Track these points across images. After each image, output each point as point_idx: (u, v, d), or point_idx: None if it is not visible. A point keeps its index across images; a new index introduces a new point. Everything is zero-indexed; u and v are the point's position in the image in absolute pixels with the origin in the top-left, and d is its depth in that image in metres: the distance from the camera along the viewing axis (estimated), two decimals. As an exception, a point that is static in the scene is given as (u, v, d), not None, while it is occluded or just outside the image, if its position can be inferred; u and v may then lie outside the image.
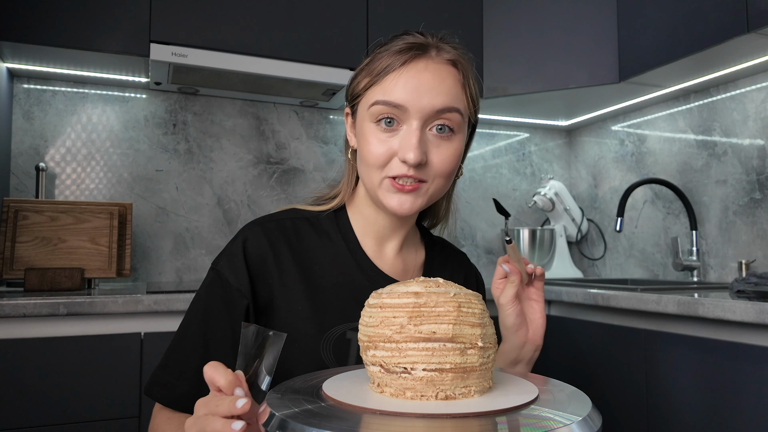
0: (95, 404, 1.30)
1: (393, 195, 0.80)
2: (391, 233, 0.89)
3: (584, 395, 0.60)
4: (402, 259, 0.91)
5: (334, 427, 0.48)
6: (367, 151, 0.80)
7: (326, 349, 0.79)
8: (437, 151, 0.80)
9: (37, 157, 1.86)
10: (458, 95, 0.81)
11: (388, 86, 0.79)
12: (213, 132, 2.09)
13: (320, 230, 0.87)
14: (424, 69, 0.79)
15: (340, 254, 0.86)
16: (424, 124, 0.79)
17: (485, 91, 2.13)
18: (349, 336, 0.80)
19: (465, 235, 2.46)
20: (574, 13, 2.04)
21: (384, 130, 0.79)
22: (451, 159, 0.81)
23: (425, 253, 0.95)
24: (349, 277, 0.85)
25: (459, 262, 1.01)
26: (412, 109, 0.78)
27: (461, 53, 0.84)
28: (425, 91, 0.78)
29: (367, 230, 0.89)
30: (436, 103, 0.78)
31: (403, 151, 0.78)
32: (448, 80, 0.80)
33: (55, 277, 1.52)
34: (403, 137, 0.79)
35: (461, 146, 0.83)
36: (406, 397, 0.56)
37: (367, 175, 0.82)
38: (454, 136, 0.81)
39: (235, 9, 1.80)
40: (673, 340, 1.34)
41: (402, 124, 0.79)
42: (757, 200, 1.84)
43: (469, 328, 0.57)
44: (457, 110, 0.80)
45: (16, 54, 1.69)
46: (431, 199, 0.83)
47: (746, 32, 1.52)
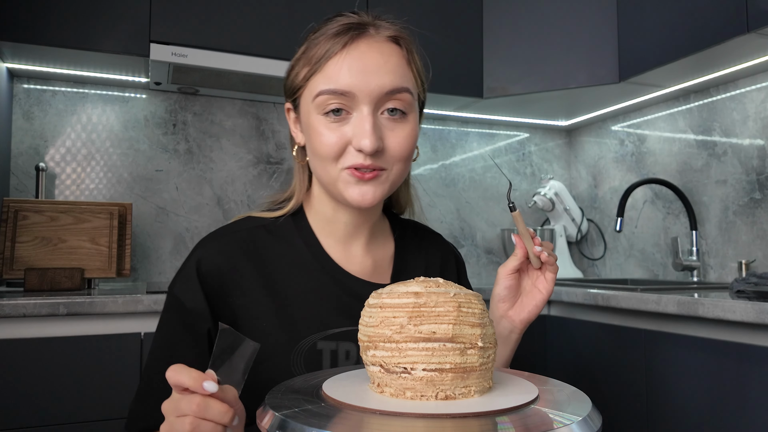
0: (95, 404, 1.30)
1: (353, 187, 0.75)
2: (355, 230, 0.83)
3: (584, 395, 0.60)
4: (371, 256, 0.85)
5: (334, 427, 0.48)
6: (319, 144, 0.75)
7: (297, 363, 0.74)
8: (392, 135, 0.75)
9: (37, 157, 1.86)
10: (405, 73, 0.77)
11: (331, 73, 0.74)
12: (213, 132, 2.09)
13: (279, 237, 0.82)
14: (367, 49, 0.74)
15: (303, 260, 0.80)
16: (375, 108, 0.74)
17: (485, 91, 2.13)
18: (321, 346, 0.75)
19: (465, 235, 2.46)
20: (574, 13, 2.04)
21: (333, 120, 0.74)
22: (408, 141, 0.77)
23: (395, 243, 0.90)
24: (316, 284, 0.79)
25: (434, 244, 0.95)
26: (360, 94, 0.73)
27: (401, 28, 0.79)
28: (371, 73, 0.73)
29: (329, 230, 0.83)
30: (384, 84, 0.74)
31: (358, 139, 0.73)
32: (392, 58, 0.76)
33: (55, 277, 1.52)
34: (355, 124, 0.74)
35: (416, 126, 0.79)
36: (406, 397, 0.56)
37: (322, 169, 0.77)
38: (407, 117, 0.77)
39: (235, 9, 1.80)
40: (673, 340, 1.34)
41: (352, 112, 0.74)
42: (757, 200, 1.84)
43: (469, 328, 0.57)
44: (407, 89, 0.76)
45: (16, 54, 1.69)
46: (392, 187, 0.78)
47: (746, 32, 1.52)
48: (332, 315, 0.78)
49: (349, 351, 0.76)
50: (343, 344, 0.76)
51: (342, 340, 0.76)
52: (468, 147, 2.50)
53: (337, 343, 0.76)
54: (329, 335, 0.76)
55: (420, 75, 0.81)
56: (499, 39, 2.14)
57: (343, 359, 0.76)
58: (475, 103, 2.24)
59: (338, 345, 0.76)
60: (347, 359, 0.76)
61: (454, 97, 2.15)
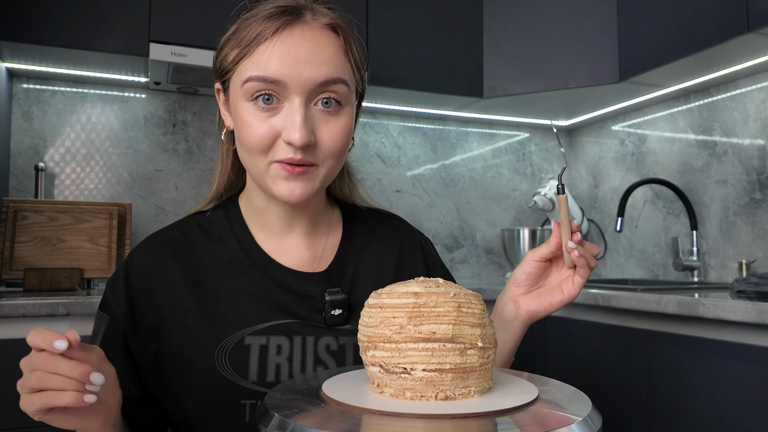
0: (94, 404, 1.30)
1: (282, 182, 0.71)
2: (290, 222, 0.79)
3: (584, 395, 0.60)
4: (309, 247, 0.80)
5: (334, 427, 0.48)
6: (247, 135, 0.70)
7: (222, 360, 0.71)
8: (325, 129, 0.71)
9: (36, 157, 1.86)
10: (341, 64, 0.72)
11: (261, 59, 0.69)
12: (212, 132, 2.08)
13: (212, 234, 0.79)
14: (301, 37, 0.70)
15: (234, 256, 0.78)
16: (307, 99, 0.70)
17: (485, 91, 2.13)
18: (248, 341, 0.72)
19: (465, 235, 2.46)
20: (574, 13, 2.04)
21: (263, 109, 0.70)
22: (342, 136, 0.72)
23: (342, 232, 0.84)
24: (245, 279, 0.76)
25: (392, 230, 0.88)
26: (291, 84, 0.68)
27: (340, 15, 0.75)
28: (304, 63, 0.69)
29: (262, 222, 0.79)
30: (318, 75, 0.69)
31: (287, 132, 0.68)
32: (328, 48, 0.71)
33: (55, 277, 1.52)
34: (285, 116, 0.69)
35: (351, 119, 0.74)
36: (406, 397, 0.56)
37: (250, 161, 0.72)
38: (341, 109, 0.72)
39: (234, 9, 1.79)
40: (674, 340, 1.34)
41: (282, 101, 0.70)
42: (757, 200, 1.84)
43: (469, 328, 0.57)
44: (343, 81, 0.71)
45: (15, 54, 1.69)
46: (325, 182, 0.74)
47: (746, 32, 1.52)
48: (263, 309, 0.75)
49: (281, 345, 0.73)
50: (274, 338, 0.73)
51: (273, 334, 0.73)
52: (468, 147, 2.50)
53: (268, 338, 0.73)
54: (258, 330, 0.73)
55: (358, 66, 0.76)
56: (499, 39, 2.14)
57: (273, 354, 0.72)
58: (475, 103, 2.24)
59: (269, 339, 0.73)
60: (279, 354, 0.72)
61: (454, 97, 2.15)
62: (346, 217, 0.87)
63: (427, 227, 2.39)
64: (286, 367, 0.72)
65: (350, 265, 0.82)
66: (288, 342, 0.73)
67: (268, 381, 0.71)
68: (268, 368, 0.71)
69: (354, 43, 0.75)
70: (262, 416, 0.54)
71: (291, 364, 0.72)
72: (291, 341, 0.73)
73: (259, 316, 0.74)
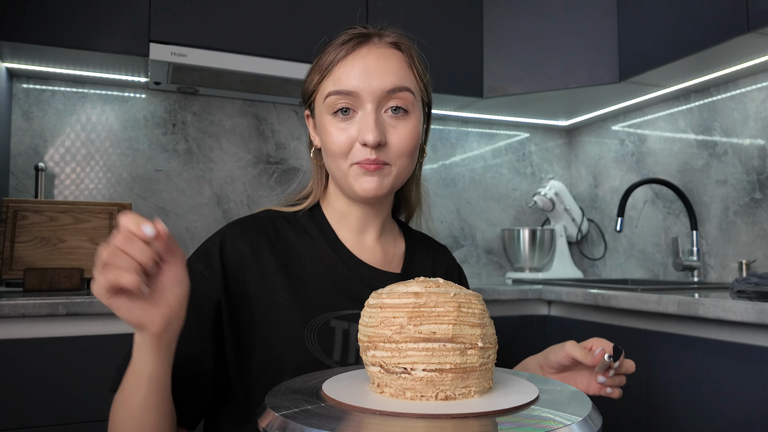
0: (95, 404, 1.30)
1: (361, 178, 0.82)
2: (366, 223, 0.90)
3: (584, 395, 0.60)
4: (381, 248, 0.92)
5: (334, 427, 0.48)
6: (330, 142, 0.82)
7: (311, 337, 0.79)
8: (395, 131, 0.82)
9: (36, 157, 1.86)
10: (406, 74, 0.83)
11: (338, 76, 0.81)
12: (212, 132, 2.09)
13: (298, 227, 0.89)
14: (369, 54, 0.82)
15: (319, 247, 0.87)
16: (378, 106, 0.81)
17: (485, 91, 2.13)
18: (333, 324, 0.81)
19: (465, 235, 2.46)
20: (574, 13, 2.04)
21: (342, 119, 0.82)
22: (410, 137, 0.83)
23: (405, 243, 0.96)
24: (330, 268, 0.85)
25: (441, 254, 1.02)
26: (363, 93, 0.80)
27: (403, 36, 0.87)
28: (373, 74, 0.81)
29: (343, 223, 0.90)
30: (385, 84, 0.81)
31: (362, 134, 0.80)
32: (393, 61, 0.83)
33: (55, 277, 1.52)
34: (360, 122, 0.81)
35: (418, 124, 0.85)
36: (406, 397, 0.56)
37: (334, 165, 0.84)
38: (409, 115, 0.83)
39: (234, 9, 1.80)
40: (674, 340, 1.34)
41: (357, 111, 0.81)
42: (757, 200, 1.84)
43: (469, 328, 0.57)
44: (407, 89, 0.82)
45: (15, 54, 1.68)
46: (398, 180, 0.84)
47: (746, 32, 1.52)
48: (344, 297, 0.83)
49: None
50: (355, 325, 0.81)
51: (354, 321, 0.81)
52: (468, 147, 2.50)
53: (350, 324, 0.81)
54: (341, 315, 0.82)
55: (422, 78, 0.86)
56: (499, 39, 2.14)
57: (354, 339, 0.80)
58: (475, 103, 2.24)
59: (350, 325, 0.81)
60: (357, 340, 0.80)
61: (454, 97, 2.15)
62: (405, 233, 0.99)
63: (426, 227, 2.39)
64: None
65: (416, 272, 0.94)
66: None
67: (349, 362, 0.79)
68: (349, 351, 0.80)
69: (416, 58, 0.87)
70: (262, 416, 0.54)
71: None
72: None
73: (342, 303, 0.83)
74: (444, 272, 1.00)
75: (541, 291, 1.77)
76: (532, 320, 1.78)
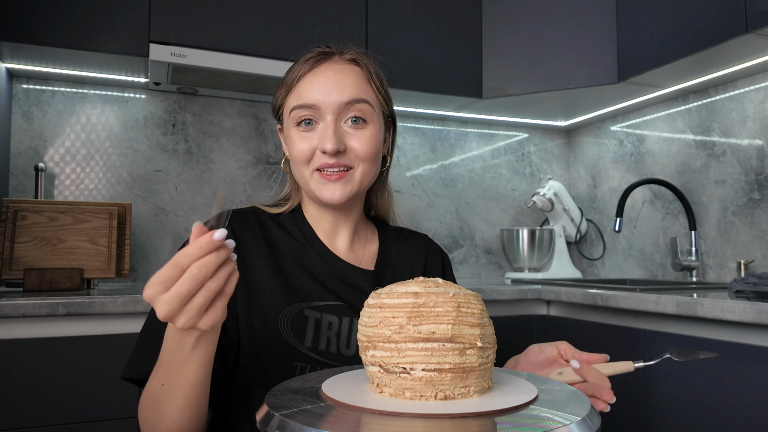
0: (95, 404, 1.30)
1: (323, 186, 0.88)
2: (337, 227, 0.96)
3: (583, 395, 0.61)
4: (353, 249, 0.97)
5: (333, 427, 0.49)
6: (293, 150, 0.89)
7: (284, 324, 0.85)
8: (354, 138, 0.88)
9: (36, 158, 1.86)
10: (363, 87, 0.90)
11: (301, 91, 0.89)
12: (212, 132, 2.09)
13: (280, 224, 0.95)
14: (328, 69, 0.89)
15: (298, 243, 0.93)
16: (337, 117, 0.87)
17: (484, 92, 2.14)
18: (307, 313, 0.86)
19: (464, 235, 2.46)
20: (574, 13, 2.04)
21: (305, 129, 0.88)
22: (370, 142, 0.88)
23: (379, 243, 1.01)
24: (307, 262, 0.92)
25: (420, 241, 1.06)
26: (323, 106, 0.87)
27: (362, 53, 0.94)
28: (332, 88, 0.87)
29: (317, 226, 0.96)
30: (343, 96, 0.87)
31: (322, 143, 0.86)
32: (350, 75, 0.89)
33: (54, 277, 1.52)
34: (320, 132, 0.87)
35: (377, 132, 0.90)
36: (406, 397, 0.56)
37: (298, 173, 0.91)
38: (367, 124, 0.89)
39: (234, 9, 1.80)
40: (672, 340, 1.34)
41: (319, 122, 0.88)
42: (755, 200, 1.85)
43: (469, 328, 0.57)
44: (365, 100, 0.88)
45: (15, 54, 1.69)
46: (362, 184, 0.90)
47: (745, 32, 1.53)
48: (320, 289, 0.89)
49: (332, 322, 0.87)
50: (327, 315, 0.87)
51: (326, 312, 0.87)
52: (467, 147, 2.50)
53: (321, 314, 0.87)
54: (315, 306, 0.87)
55: (380, 90, 0.92)
56: (498, 39, 2.14)
57: (326, 328, 0.86)
58: (475, 104, 2.24)
59: (322, 315, 0.87)
60: (329, 329, 0.86)
61: (453, 98, 2.15)
62: (380, 231, 1.04)
63: (426, 227, 2.39)
64: (335, 341, 0.86)
65: (389, 267, 0.98)
66: (337, 320, 0.87)
67: (320, 348, 0.85)
68: (320, 338, 0.85)
69: (375, 75, 0.92)
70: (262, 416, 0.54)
71: (339, 339, 0.86)
72: (340, 321, 0.87)
73: (316, 294, 0.88)
74: (423, 257, 1.03)
75: (540, 291, 1.77)
76: (531, 320, 1.78)
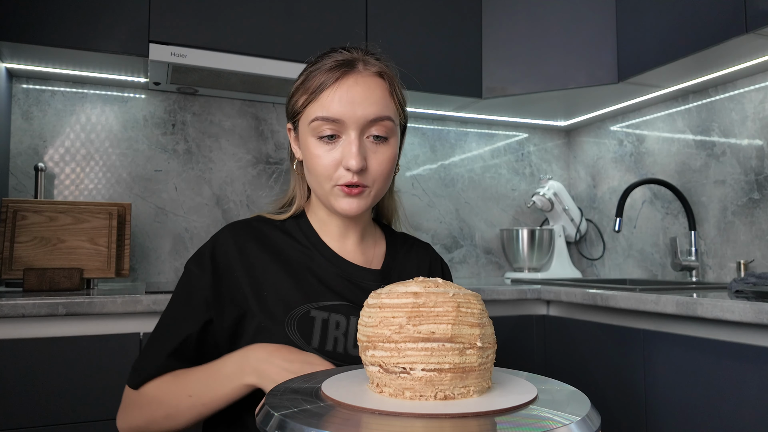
0: (94, 404, 1.30)
1: (343, 199, 0.89)
2: (346, 231, 0.97)
3: (583, 395, 0.61)
4: (362, 251, 0.99)
5: (333, 427, 0.49)
6: (315, 164, 0.89)
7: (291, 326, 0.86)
8: (375, 157, 0.89)
9: (36, 157, 1.86)
10: (387, 104, 0.90)
11: (325, 102, 0.88)
12: (212, 132, 2.09)
13: (285, 231, 0.97)
14: (355, 83, 0.88)
15: (304, 247, 0.95)
16: (361, 132, 0.88)
17: (484, 92, 2.14)
18: (313, 314, 0.87)
19: (464, 235, 2.46)
20: (573, 13, 2.04)
21: (327, 143, 0.88)
22: (388, 161, 0.90)
23: (386, 245, 1.03)
24: (313, 264, 0.93)
25: (424, 251, 1.09)
26: (348, 121, 0.87)
27: (386, 64, 0.94)
28: (358, 104, 0.87)
29: (325, 231, 0.98)
30: (369, 113, 0.87)
31: (346, 160, 0.87)
32: (377, 91, 0.89)
33: (54, 277, 1.52)
34: (344, 147, 0.88)
35: (395, 149, 0.92)
36: (405, 397, 0.56)
37: (317, 185, 0.91)
38: (388, 141, 0.90)
39: (234, 9, 1.80)
40: (672, 340, 1.34)
41: (341, 135, 0.88)
42: (755, 200, 1.85)
43: (468, 328, 0.57)
44: (389, 118, 0.89)
45: (15, 54, 1.69)
46: (375, 199, 0.93)
47: (745, 32, 1.53)
48: (326, 290, 0.91)
49: (339, 322, 0.88)
50: (334, 315, 0.88)
51: (333, 312, 0.88)
52: (467, 147, 2.50)
53: (329, 314, 0.88)
54: (322, 306, 0.89)
55: (401, 104, 0.94)
56: (498, 39, 2.14)
57: (333, 328, 0.87)
58: (474, 104, 2.24)
59: (330, 315, 0.88)
60: (337, 329, 0.88)
61: (453, 98, 2.15)
62: (387, 234, 1.06)
63: (426, 227, 2.39)
64: (342, 341, 0.87)
65: (396, 269, 1.00)
66: (345, 320, 0.88)
67: (326, 349, 0.85)
68: (327, 339, 0.86)
69: (397, 86, 0.94)
70: (262, 416, 0.54)
71: (346, 339, 0.87)
72: (348, 320, 0.88)
73: (322, 295, 0.90)
74: (428, 266, 1.06)
75: (539, 291, 1.77)
76: (531, 320, 1.78)
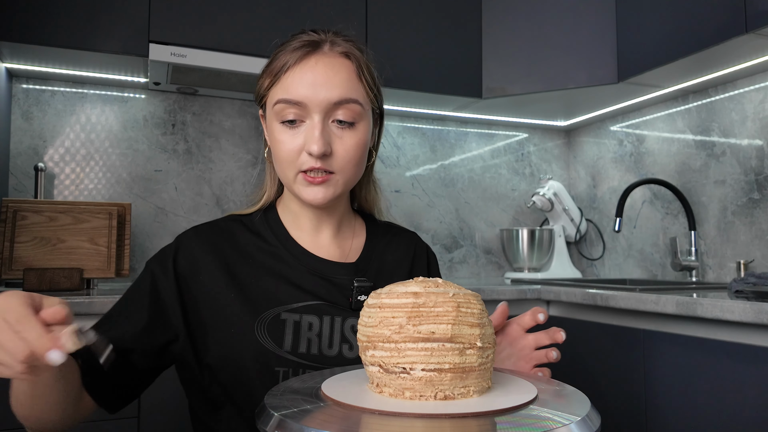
0: (94, 404, 1.30)
1: (306, 188, 0.84)
2: (319, 223, 0.92)
3: (583, 395, 0.61)
4: (338, 244, 0.93)
5: (333, 427, 0.49)
6: (278, 149, 0.84)
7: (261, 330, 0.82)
8: (340, 142, 0.83)
9: (35, 158, 1.86)
10: (354, 86, 0.84)
11: (287, 84, 0.83)
12: (212, 132, 2.09)
13: (253, 230, 0.92)
14: (318, 64, 0.83)
15: (272, 245, 0.90)
16: (325, 116, 0.82)
17: (484, 92, 2.14)
18: (284, 317, 0.83)
19: (464, 235, 2.46)
20: (573, 13, 2.04)
21: (290, 127, 0.83)
22: (355, 148, 0.84)
23: (366, 237, 0.98)
24: (281, 264, 0.88)
25: (408, 239, 1.03)
26: (310, 104, 0.82)
27: (354, 45, 0.87)
28: (320, 85, 0.82)
29: (297, 224, 0.92)
30: (332, 95, 0.82)
31: (308, 144, 0.82)
32: (341, 72, 0.83)
33: (54, 277, 1.52)
34: (306, 131, 0.83)
35: (365, 134, 0.86)
36: (405, 397, 0.56)
37: (281, 172, 0.86)
38: (355, 125, 0.85)
39: (234, 9, 1.80)
40: (672, 340, 1.34)
41: (305, 120, 0.83)
42: (755, 200, 1.85)
43: (468, 328, 0.57)
44: (355, 101, 0.84)
45: (15, 54, 1.69)
46: (345, 187, 0.87)
47: (744, 32, 1.53)
48: (297, 291, 0.86)
49: (312, 323, 0.84)
50: (306, 317, 0.84)
51: (305, 313, 0.84)
52: (467, 147, 2.50)
53: (300, 316, 0.83)
54: (293, 308, 0.84)
55: (371, 87, 0.87)
56: (498, 39, 2.14)
57: (306, 329, 0.83)
58: (474, 104, 2.24)
59: (301, 317, 0.83)
60: (310, 330, 0.84)
61: (453, 98, 2.15)
62: (368, 225, 1.00)
63: (426, 227, 2.39)
64: (316, 342, 0.82)
65: (375, 261, 0.95)
66: (318, 320, 0.84)
67: (300, 351, 0.81)
68: (300, 341, 0.82)
69: (366, 68, 0.87)
70: (262, 416, 0.54)
71: (320, 340, 0.83)
72: (321, 320, 0.84)
73: (293, 296, 0.85)
74: (411, 255, 1.01)
75: (539, 291, 1.77)
76: (531, 320, 1.78)
